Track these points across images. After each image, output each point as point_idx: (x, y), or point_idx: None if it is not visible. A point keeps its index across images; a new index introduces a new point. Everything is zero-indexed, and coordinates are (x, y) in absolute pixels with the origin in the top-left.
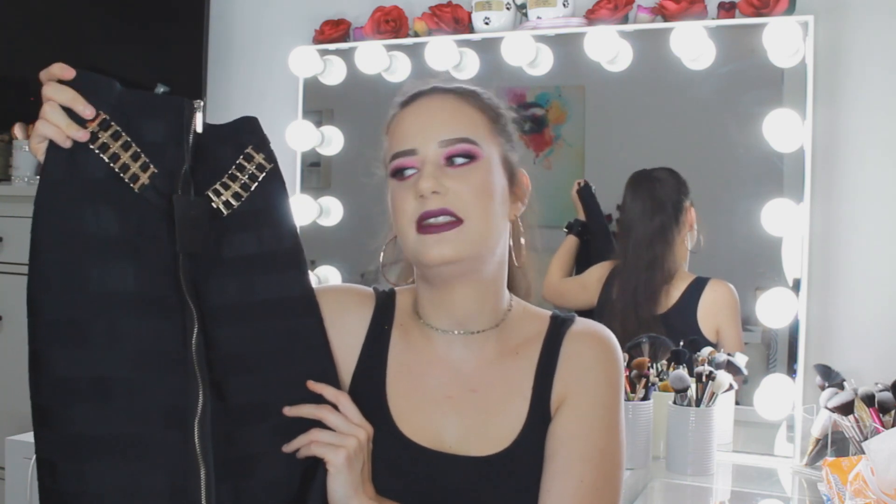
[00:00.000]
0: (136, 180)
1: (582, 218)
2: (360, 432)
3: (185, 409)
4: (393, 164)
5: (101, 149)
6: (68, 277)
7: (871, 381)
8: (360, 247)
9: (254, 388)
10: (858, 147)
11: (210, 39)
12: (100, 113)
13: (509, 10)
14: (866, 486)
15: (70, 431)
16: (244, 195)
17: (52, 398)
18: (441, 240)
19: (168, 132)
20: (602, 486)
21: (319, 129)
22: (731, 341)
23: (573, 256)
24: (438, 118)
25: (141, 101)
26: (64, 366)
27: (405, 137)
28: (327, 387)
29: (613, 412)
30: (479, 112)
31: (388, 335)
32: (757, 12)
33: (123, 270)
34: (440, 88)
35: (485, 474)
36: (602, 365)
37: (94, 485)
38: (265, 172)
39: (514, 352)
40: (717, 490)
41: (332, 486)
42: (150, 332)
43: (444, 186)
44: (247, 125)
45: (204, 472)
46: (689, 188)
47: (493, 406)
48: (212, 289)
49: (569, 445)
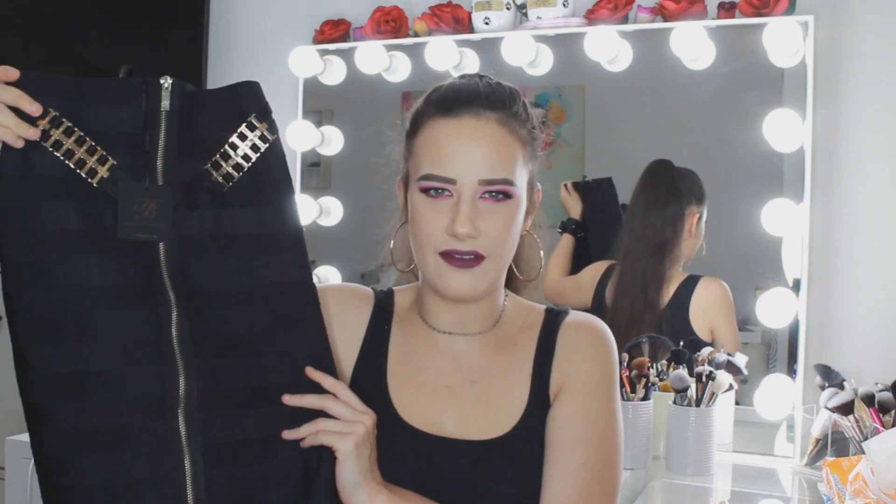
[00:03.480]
0: (94, 174)
1: (575, 217)
2: (365, 419)
3: (165, 398)
4: (426, 182)
5: (55, 146)
6: (35, 275)
7: (871, 381)
8: (361, 247)
9: (250, 372)
10: (858, 147)
11: (210, 39)
12: (49, 110)
13: (509, 10)
14: (866, 486)
15: (57, 427)
16: (246, 166)
17: (38, 395)
18: (462, 275)
19: (130, 119)
20: (603, 470)
21: (319, 129)
22: (726, 339)
23: (570, 255)
24: (481, 152)
25: (99, 91)
26: (43, 362)
27: (444, 162)
28: (326, 376)
29: (610, 398)
30: (518, 142)
31: (388, 331)
32: (757, 12)
33: (88, 264)
34: (484, 106)
35: (485, 458)
36: (597, 353)
37: (80, 478)
38: (268, 144)
39: (512, 343)
40: (717, 490)
41: (341, 473)
42: (123, 324)
43: (477, 228)
44: (247, 90)
45: (189, 460)
46: (705, 196)
47: (493, 395)
48: (208, 268)
49: (568, 431)
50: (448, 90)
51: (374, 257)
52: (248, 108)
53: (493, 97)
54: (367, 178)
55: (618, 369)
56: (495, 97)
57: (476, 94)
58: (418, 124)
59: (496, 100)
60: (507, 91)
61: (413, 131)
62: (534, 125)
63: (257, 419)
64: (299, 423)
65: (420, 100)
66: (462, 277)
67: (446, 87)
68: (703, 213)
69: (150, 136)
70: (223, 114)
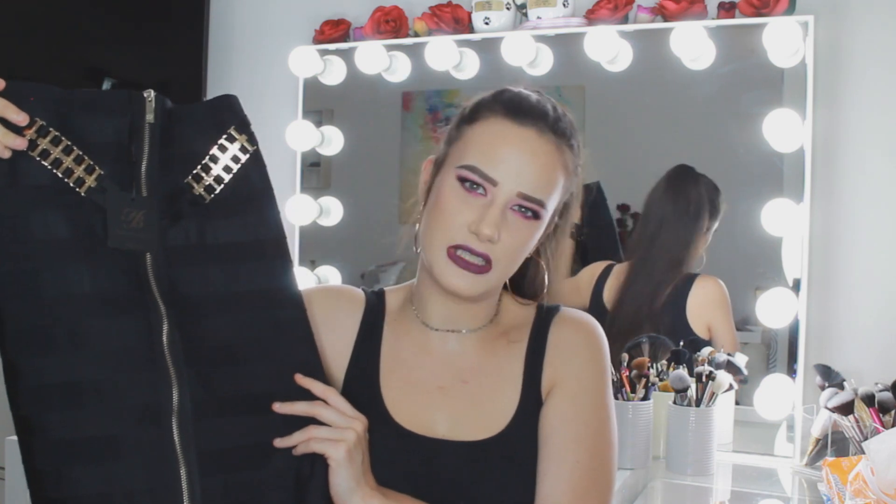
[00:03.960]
0: (82, 184)
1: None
2: (356, 424)
3: (158, 407)
4: (466, 173)
5: (42, 155)
6: (24, 285)
7: (871, 381)
8: (361, 247)
9: (239, 379)
10: (858, 147)
11: (210, 39)
12: (36, 120)
13: (509, 10)
14: (866, 486)
15: (48, 438)
16: (226, 178)
17: (28, 406)
18: (466, 277)
19: (116, 130)
20: (597, 467)
21: (319, 129)
22: (724, 337)
23: (569, 258)
24: (533, 164)
25: (86, 102)
26: (33, 373)
27: (494, 161)
28: (316, 382)
29: (602, 395)
30: (564, 171)
31: (380, 332)
32: (757, 12)
33: (78, 273)
34: (549, 127)
35: (478, 458)
36: (588, 350)
37: (72, 490)
38: (248, 154)
39: (504, 340)
40: (717, 490)
41: (334, 480)
42: (114, 332)
43: (500, 236)
44: (225, 104)
45: (185, 469)
46: (720, 211)
47: (485, 395)
48: (195, 278)
49: (562, 429)
50: (522, 97)
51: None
52: (227, 120)
53: (559, 122)
54: (367, 178)
55: (609, 366)
56: (561, 123)
57: (546, 112)
58: (479, 114)
59: (560, 126)
60: (570, 122)
61: (471, 119)
62: (580, 163)
63: (250, 426)
64: (291, 430)
65: (488, 93)
66: (464, 279)
67: (517, 93)
68: (713, 227)
69: (135, 148)
70: (203, 127)
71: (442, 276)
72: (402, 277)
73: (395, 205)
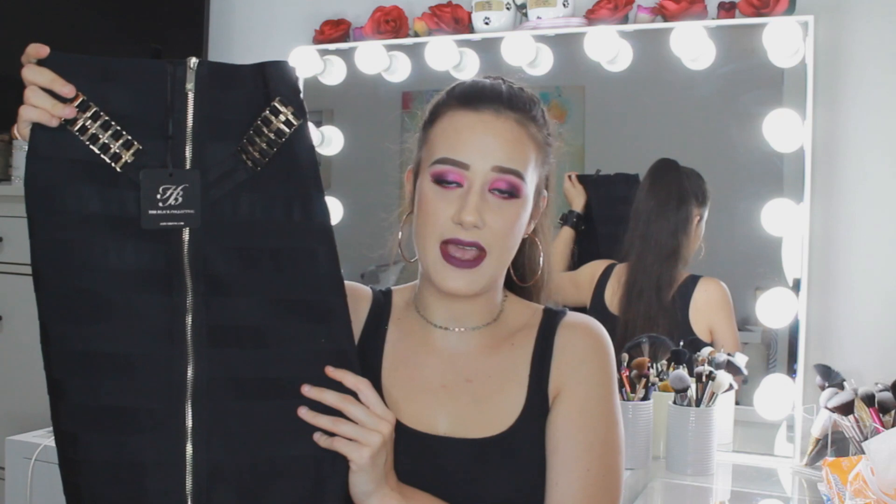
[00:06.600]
0: (119, 159)
1: (577, 209)
2: (384, 426)
3: (173, 383)
4: (438, 168)
5: (81, 131)
6: (58, 254)
7: (871, 381)
8: (360, 247)
9: (265, 362)
10: (858, 147)
11: (210, 39)
12: (79, 94)
13: (509, 10)
14: (866, 486)
15: (70, 402)
16: (271, 152)
17: (56, 369)
18: (461, 275)
19: (156, 102)
20: (606, 474)
21: (319, 129)
22: (726, 339)
23: (569, 249)
24: (498, 141)
25: (125, 73)
26: (59, 339)
27: (460, 148)
28: (347, 373)
29: (610, 402)
30: (533, 144)
31: (384, 330)
32: (757, 12)
33: (106, 247)
34: (505, 106)
35: (481, 456)
36: (595, 355)
37: (87, 454)
38: (293, 128)
39: (509, 342)
40: (717, 490)
41: (353, 481)
42: (138, 307)
43: (483, 220)
44: (274, 72)
45: (191, 446)
46: (708, 198)
47: (489, 394)
48: (231, 255)
49: (571, 438)
50: (471, 86)
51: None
52: (273, 90)
53: (514, 99)
54: (367, 178)
55: (615, 372)
56: (516, 99)
57: (498, 93)
58: (437, 114)
59: (517, 101)
60: (528, 96)
61: (431, 121)
62: (549, 132)
63: (269, 411)
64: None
65: (441, 93)
66: (460, 278)
67: (469, 83)
68: (704, 215)
69: (176, 119)
70: (248, 95)
71: (439, 281)
72: (403, 277)
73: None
